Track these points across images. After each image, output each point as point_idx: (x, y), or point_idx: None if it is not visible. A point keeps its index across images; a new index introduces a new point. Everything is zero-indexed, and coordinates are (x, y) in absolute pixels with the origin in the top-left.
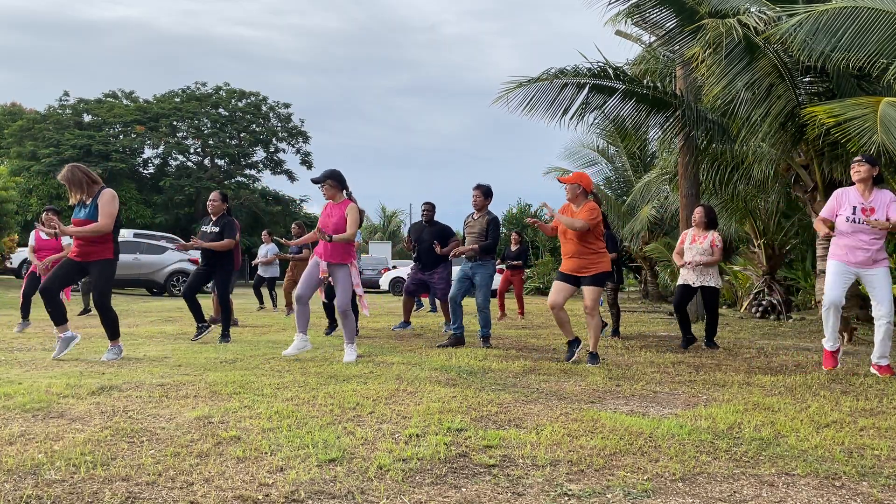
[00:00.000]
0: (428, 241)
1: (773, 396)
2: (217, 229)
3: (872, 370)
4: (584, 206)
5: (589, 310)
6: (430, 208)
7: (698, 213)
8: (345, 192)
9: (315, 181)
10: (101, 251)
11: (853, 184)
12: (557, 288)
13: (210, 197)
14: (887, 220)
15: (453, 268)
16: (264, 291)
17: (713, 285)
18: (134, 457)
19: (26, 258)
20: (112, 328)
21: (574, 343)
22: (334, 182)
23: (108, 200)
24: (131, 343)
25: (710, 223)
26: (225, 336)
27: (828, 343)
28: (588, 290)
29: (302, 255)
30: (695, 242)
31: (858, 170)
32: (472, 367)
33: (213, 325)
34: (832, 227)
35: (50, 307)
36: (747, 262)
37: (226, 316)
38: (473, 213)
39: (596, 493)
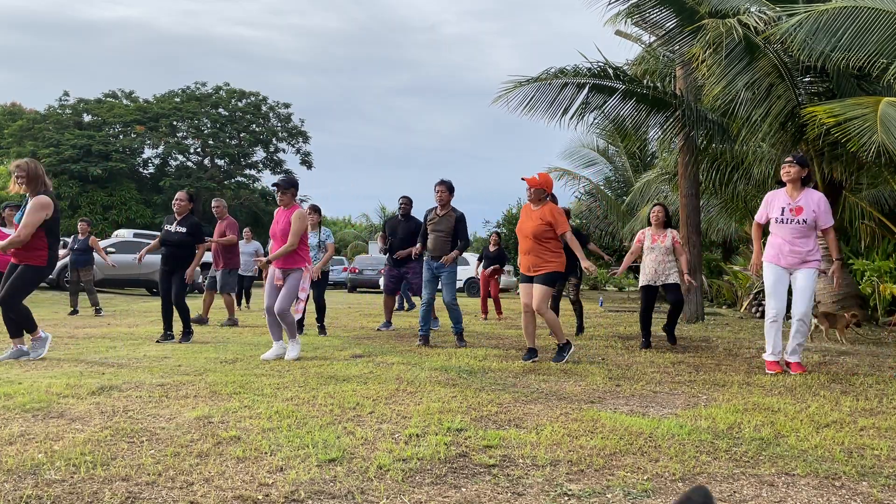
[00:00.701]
0: (402, 236)
1: (773, 396)
2: (184, 229)
3: (784, 366)
4: (546, 206)
5: (537, 308)
6: (407, 202)
7: (661, 212)
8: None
9: (280, 185)
10: (30, 257)
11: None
12: (524, 290)
13: (177, 196)
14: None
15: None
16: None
17: (675, 281)
18: (134, 457)
19: None
20: (24, 324)
21: (533, 352)
22: (295, 192)
23: (35, 208)
24: (131, 343)
25: (668, 222)
26: (187, 335)
27: (770, 355)
28: (537, 289)
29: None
30: (656, 242)
31: (788, 170)
32: (472, 367)
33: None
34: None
35: (10, 316)
36: (747, 262)
37: (185, 316)
38: (436, 208)
39: (596, 493)
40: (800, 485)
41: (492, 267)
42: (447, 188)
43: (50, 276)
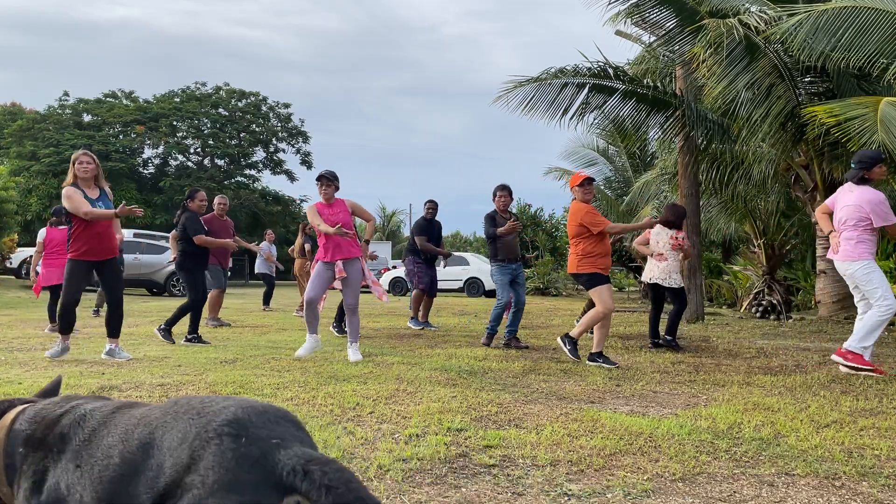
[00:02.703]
0: (437, 237)
1: (773, 396)
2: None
3: (838, 358)
4: None
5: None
6: (435, 206)
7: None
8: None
9: (328, 178)
10: (116, 247)
11: (863, 182)
12: (611, 292)
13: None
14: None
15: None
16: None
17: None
18: None
19: (26, 258)
20: (72, 322)
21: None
22: (337, 186)
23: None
24: (131, 343)
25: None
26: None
27: (870, 352)
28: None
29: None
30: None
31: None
32: (472, 367)
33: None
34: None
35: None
36: (747, 262)
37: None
38: (497, 212)
39: (596, 493)
40: (800, 485)
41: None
42: (509, 193)
43: None
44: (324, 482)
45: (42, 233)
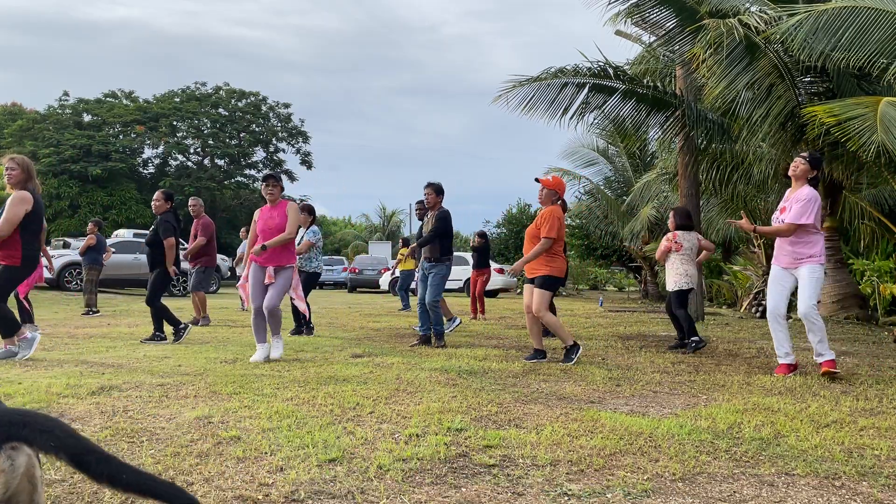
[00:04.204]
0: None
1: (773, 396)
2: (152, 228)
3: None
4: (547, 209)
5: (535, 311)
6: (422, 207)
7: (671, 216)
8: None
9: (274, 178)
10: (4, 257)
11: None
12: (525, 291)
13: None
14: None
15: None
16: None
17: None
18: (134, 457)
19: None
20: (4, 326)
21: (539, 353)
22: (283, 188)
23: (15, 202)
24: (131, 343)
25: (681, 225)
26: (155, 336)
27: (780, 357)
28: (535, 293)
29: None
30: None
31: (795, 166)
32: (472, 367)
33: (191, 326)
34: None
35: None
36: (747, 262)
37: (157, 318)
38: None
39: (596, 493)
40: (800, 485)
41: (481, 269)
42: (434, 190)
43: (49, 276)
44: (40, 427)
45: None
